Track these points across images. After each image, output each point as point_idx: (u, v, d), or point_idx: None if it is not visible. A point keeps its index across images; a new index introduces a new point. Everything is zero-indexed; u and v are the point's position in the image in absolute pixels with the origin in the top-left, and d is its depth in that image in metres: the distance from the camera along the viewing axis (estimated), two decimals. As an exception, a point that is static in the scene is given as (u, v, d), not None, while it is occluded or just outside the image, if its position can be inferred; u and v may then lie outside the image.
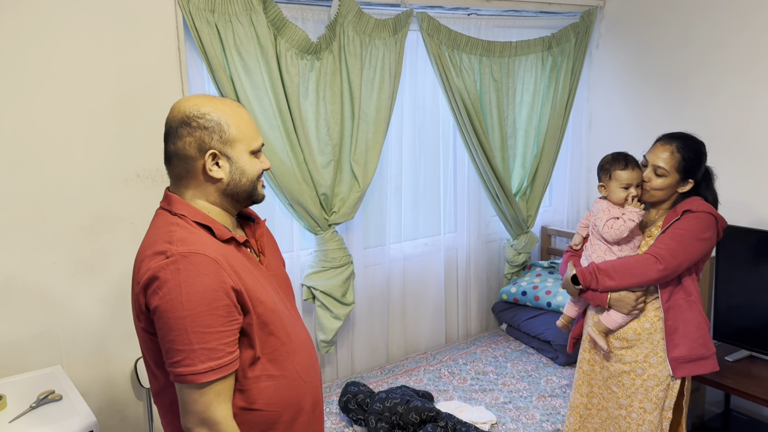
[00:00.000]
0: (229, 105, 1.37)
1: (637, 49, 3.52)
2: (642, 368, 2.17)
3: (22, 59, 2.16)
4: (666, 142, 2.13)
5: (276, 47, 2.60)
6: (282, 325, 1.38)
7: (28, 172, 2.22)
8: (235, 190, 1.38)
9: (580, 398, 2.34)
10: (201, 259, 1.25)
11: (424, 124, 3.37)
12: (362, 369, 3.30)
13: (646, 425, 2.18)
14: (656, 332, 2.15)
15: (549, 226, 3.93)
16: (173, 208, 1.35)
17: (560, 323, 2.40)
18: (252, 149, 1.38)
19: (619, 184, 2.13)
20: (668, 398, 2.17)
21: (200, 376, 1.23)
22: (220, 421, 1.26)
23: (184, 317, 1.21)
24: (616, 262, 2.13)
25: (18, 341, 2.26)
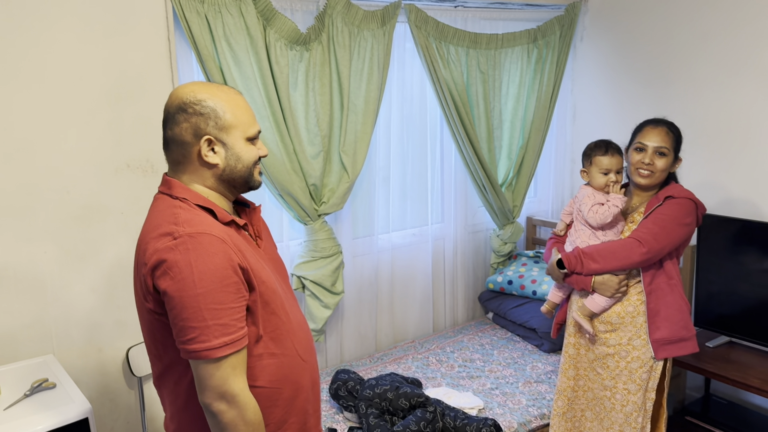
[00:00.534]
0: (227, 92, 1.39)
1: (621, 42, 3.58)
2: (626, 351, 2.23)
3: (12, 49, 2.15)
4: (656, 125, 2.21)
5: (265, 38, 2.62)
6: (282, 305, 1.42)
7: (18, 162, 2.22)
8: (231, 175, 1.40)
9: (567, 381, 2.40)
10: (209, 239, 1.28)
11: (411, 115, 3.40)
12: (351, 357, 3.34)
13: (630, 405, 2.25)
14: (639, 315, 2.21)
15: (534, 216, 3.99)
16: (174, 192, 1.37)
17: (544, 309, 2.47)
18: (248, 136, 1.40)
19: (599, 169, 2.22)
20: (651, 379, 2.23)
21: (215, 351, 1.26)
22: (237, 393, 1.29)
23: (197, 295, 1.25)
24: (599, 246, 2.19)
25: (9, 331, 2.26)
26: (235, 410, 1.29)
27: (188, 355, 1.28)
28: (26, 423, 1.79)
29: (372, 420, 2.44)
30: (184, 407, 1.40)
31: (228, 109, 1.36)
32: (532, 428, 2.62)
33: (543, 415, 2.68)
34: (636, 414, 2.24)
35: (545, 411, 2.70)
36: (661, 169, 2.17)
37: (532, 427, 2.62)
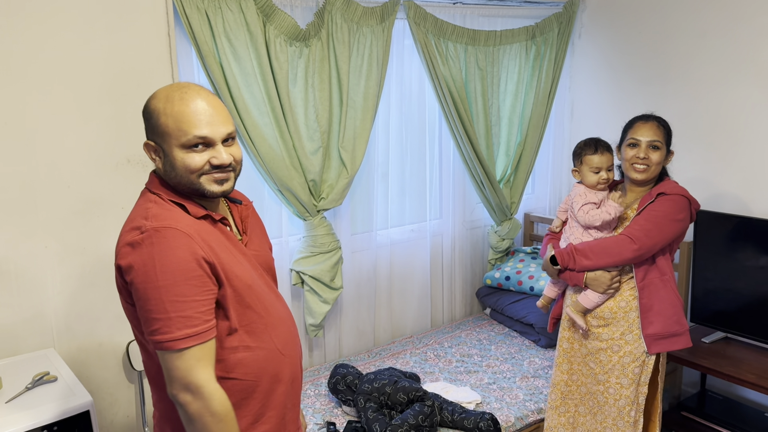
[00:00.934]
0: (176, 94, 1.35)
1: (619, 39, 3.60)
2: (618, 345, 2.26)
3: (12, 45, 2.16)
4: (647, 120, 2.23)
5: (265, 34, 2.63)
6: (259, 300, 1.43)
7: (19, 157, 2.23)
8: (174, 181, 1.39)
9: (561, 375, 2.42)
10: (173, 233, 1.30)
11: (410, 111, 3.41)
12: (350, 352, 3.36)
13: (622, 400, 2.27)
14: (631, 311, 2.23)
15: (532, 212, 4.01)
16: (152, 188, 1.41)
17: (540, 303, 2.49)
18: (182, 143, 1.34)
19: (589, 168, 2.25)
20: (644, 374, 2.25)
21: (177, 342, 1.27)
22: (202, 384, 1.29)
23: (159, 287, 1.26)
24: (592, 242, 2.22)
25: (10, 325, 2.28)
26: (200, 401, 1.29)
27: (154, 346, 1.30)
28: (28, 416, 1.81)
29: (370, 414, 2.46)
30: (165, 396, 1.40)
31: (164, 115, 1.33)
32: (529, 422, 2.64)
33: (540, 409, 2.70)
34: (629, 408, 2.26)
35: (542, 405, 2.72)
36: (656, 162, 2.19)
37: (529, 421, 2.65)
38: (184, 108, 1.33)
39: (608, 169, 2.24)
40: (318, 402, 2.76)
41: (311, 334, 3.10)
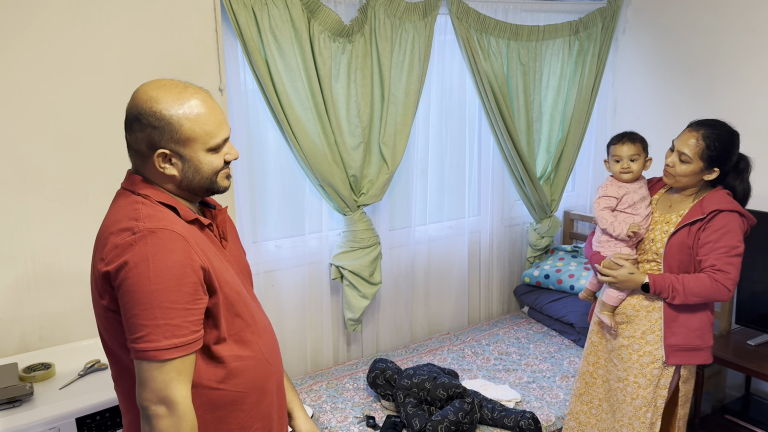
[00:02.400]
0: (189, 97, 1.28)
1: (664, 34, 3.52)
2: (639, 344, 2.21)
3: (66, 42, 2.22)
4: (694, 129, 2.10)
5: (309, 30, 2.65)
6: (247, 307, 1.38)
7: (70, 151, 2.29)
8: (189, 185, 1.33)
9: (587, 366, 2.41)
10: (169, 234, 1.23)
11: (450, 107, 3.40)
12: (387, 347, 3.37)
13: (639, 400, 2.22)
14: (654, 311, 2.18)
15: (572, 210, 3.96)
16: (136, 189, 1.31)
17: (582, 295, 2.48)
18: (210, 147, 1.30)
19: (612, 157, 2.25)
20: (663, 377, 2.19)
21: (163, 352, 1.19)
22: (179, 402, 1.22)
23: (150, 291, 1.19)
24: (691, 284, 2.07)
25: (62, 313, 2.34)
26: (172, 419, 1.21)
27: (135, 354, 1.21)
28: (80, 401, 1.86)
29: (410, 409, 2.47)
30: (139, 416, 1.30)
31: (186, 121, 1.26)
32: (569, 422, 2.62)
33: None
34: (645, 409, 2.21)
35: (583, 405, 2.69)
36: (680, 174, 2.10)
37: (570, 421, 2.62)
38: (205, 110, 1.28)
39: (631, 159, 2.19)
40: (357, 396, 2.78)
41: (350, 328, 3.12)
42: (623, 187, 2.23)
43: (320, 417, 2.60)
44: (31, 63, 2.17)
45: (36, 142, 2.22)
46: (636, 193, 2.22)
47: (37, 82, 2.19)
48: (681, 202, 2.19)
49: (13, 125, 2.17)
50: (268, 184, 2.91)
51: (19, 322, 2.26)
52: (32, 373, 1.98)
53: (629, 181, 2.23)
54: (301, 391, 2.81)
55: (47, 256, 2.29)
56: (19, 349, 2.26)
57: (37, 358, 2.16)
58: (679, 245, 2.11)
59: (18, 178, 2.20)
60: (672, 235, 2.12)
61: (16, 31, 2.12)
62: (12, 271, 2.23)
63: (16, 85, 2.15)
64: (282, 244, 2.99)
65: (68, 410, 1.81)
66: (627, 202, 2.21)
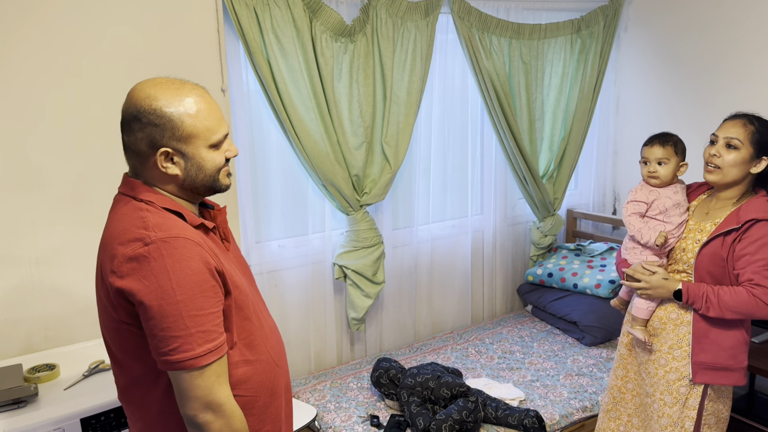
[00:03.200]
0: (188, 94, 1.27)
1: (666, 32, 3.51)
2: (665, 359, 2.10)
3: (68, 43, 2.23)
4: (736, 118, 1.99)
5: (311, 30, 2.65)
6: (254, 310, 1.38)
7: (75, 151, 2.30)
8: (192, 184, 1.32)
9: (616, 380, 2.31)
10: (183, 242, 1.21)
11: (453, 106, 3.40)
12: (390, 347, 3.37)
13: (665, 419, 2.10)
14: (682, 325, 2.06)
15: (575, 208, 3.96)
16: (138, 195, 1.28)
17: (614, 303, 2.35)
18: (211, 143, 1.30)
19: (641, 159, 2.16)
20: (691, 397, 2.06)
21: (200, 359, 1.20)
22: (224, 402, 1.24)
23: (177, 302, 1.18)
24: (728, 297, 1.93)
25: (66, 314, 2.35)
26: (222, 419, 1.23)
27: (170, 366, 1.21)
28: (85, 402, 1.86)
29: (414, 408, 2.47)
30: (158, 418, 1.32)
31: (187, 117, 1.25)
32: (574, 420, 2.62)
33: (585, 407, 2.67)
34: (671, 429, 2.08)
35: (587, 404, 2.69)
36: (729, 164, 1.94)
37: (574, 419, 2.62)
38: (204, 106, 1.28)
39: (660, 162, 2.08)
40: (361, 395, 2.78)
41: (353, 327, 3.12)
42: (654, 191, 2.11)
43: (324, 416, 2.61)
44: (33, 63, 2.17)
45: (40, 144, 2.22)
46: (669, 199, 2.09)
47: (39, 83, 2.19)
48: (719, 210, 2.03)
49: (15, 126, 2.18)
50: (271, 184, 2.91)
51: (24, 323, 2.27)
52: (37, 374, 1.99)
53: (658, 186, 2.11)
54: (305, 390, 2.82)
55: (52, 257, 2.30)
56: (23, 350, 2.27)
57: (41, 358, 2.17)
58: (712, 256, 1.97)
59: (22, 180, 2.21)
60: (704, 245, 1.98)
61: (17, 32, 2.13)
62: (17, 272, 2.24)
63: (18, 86, 2.16)
64: (285, 244, 2.99)
65: (73, 411, 1.81)
66: (658, 208, 2.09)
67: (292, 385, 2.87)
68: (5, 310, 2.23)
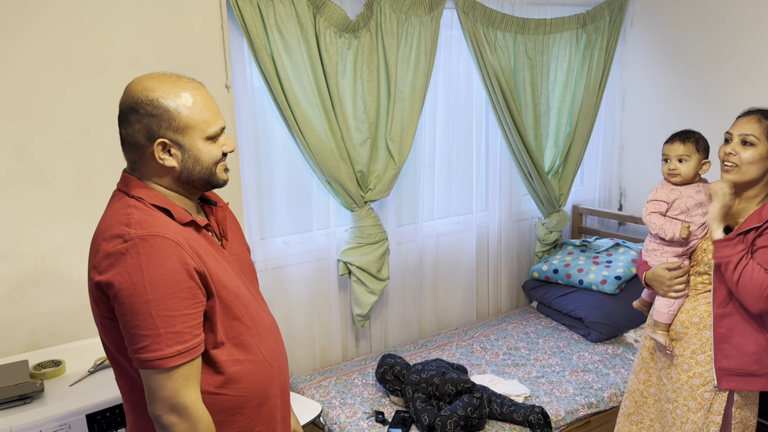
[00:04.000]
0: (184, 87, 1.28)
1: (672, 27, 3.49)
2: (688, 364, 2.05)
3: (70, 38, 2.23)
4: (749, 114, 1.95)
5: (315, 26, 2.64)
6: (246, 310, 1.36)
7: (77, 148, 2.30)
8: (189, 177, 1.32)
9: (637, 384, 2.27)
10: (161, 241, 1.21)
11: (457, 102, 3.39)
12: (395, 343, 3.37)
13: (689, 425, 2.05)
14: (705, 328, 2.01)
15: (580, 204, 3.94)
16: (130, 191, 1.30)
17: (636, 305, 2.32)
18: (208, 135, 1.30)
19: (662, 156, 2.10)
20: (716, 402, 2.01)
21: (167, 360, 1.19)
22: (190, 406, 1.23)
23: (147, 301, 1.18)
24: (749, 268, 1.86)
25: (71, 311, 2.36)
26: (186, 423, 1.23)
27: (140, 364, 1.21)
28: (91, 397, 1.87)
29: (419, 404, 2.47)
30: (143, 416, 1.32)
31: (184, 109, 1.26)
32: (579, 417, 2.61)
33: (591, 404, 2.66)
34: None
35: (593, 400, 2.68)
36: (747, 161, 1.89)
37: (580, 415, 2.61)
38: (199, 98, 1.29)
39: (680, 159, 2.02)
40: (366, 391, 2.78)
41: (358, 324, 3.12)
42: (675, 190, 2.05)
43: (329, 413, 2.61)
44: (36, 60, 2.17)
45: (43, 140, 2.23)
46: (691, 198, 2.03)
47: (43, 80, 2.19)
48: (743, 209, 1.97)
49: (19, 123, 2.18)
50: (275, 180, 2.91)
51: (29, 320, 2.27)
52: (43, 370, 1.99)
53: (678, 184, 2.06)
54: (310, 386, 2.82)
55: (56, 253, 2.30)
56: (29, 347, 2.28)
57: (47, 355, 2.18)
58: None
59: (25, 176, 2.21)
60: None
61: (21, 28, 2.13)
62: (22, 268, 2.24)
63: (22, 83, 2.16)
64: (290, 241, 2.99)
65: (79, 407, 1.82)
66: (679, 207, 2.04)
67: (297, 382, 2.87)
68: (10, 306, 2.23)
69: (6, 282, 2.22)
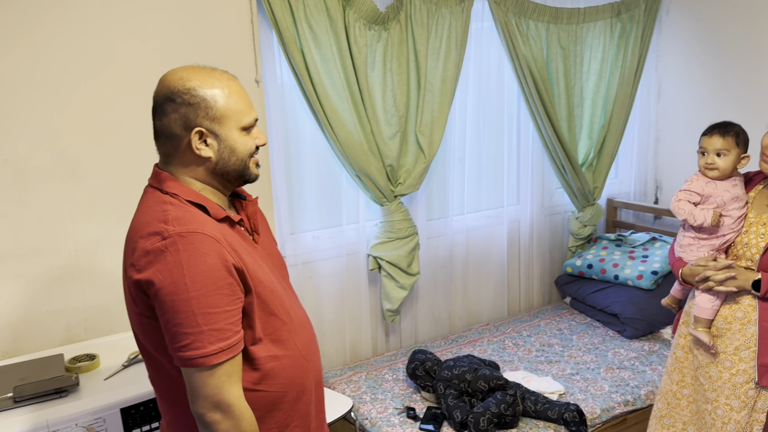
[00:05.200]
0: (219, 78, 1.29)
1: (709, 14, 3.38)
2: (731, 361, 1.99)
3: (104, 34, 2.24)
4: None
5: (345, 18, 2.62)
6: (282, 305, 1.36)
7: (112, 143, 2.31)
8: (224, 169, 1.31)
9: (670, 385, 2.22)
10: (201, 238, 1.20)
11: (488, 93, 3.34)
12: (425, 339, 3.34)
13: (731, 424, 1.99)
14: (750, 324, 1.96)
15: (615, 198, 3.86)
16: (164, 187, 1.29)
17: (665, 302, 2.28)
18: (243, 125, 1.30)
19: (699, 149, 2.05)
20: (761, 399, 1.97)
21: (210, 357, 1.19)
22: (233, 403, 1.23)
23: (189, 299, 1.17)
24: None
25: (106, 305, 2.38)
26: (230, 421, 1.22)
27: (182, 362, 1.20)
28: (125, 392, 1.88)
29: (451, 401, 2.44)
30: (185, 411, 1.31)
31: (220, 98, 1.27)
32: (615, 414, 2.55)
33: (627, 401, 2.60)
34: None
35: (629, 398, 2.61)
36: None
37: (616, 413, 2.55)
38: (234, 89, 1.29)
39: (718, 153, 1.99)
40: (396, 387, 2.76)
41: (388, 319, 3.10)
42: (711, 184, 2.01)
43: (360, 408, 2.59)
44: (71, 56, 2.19)
45: (78, 135, 2.25)
46: (727, 192, 1.99)
47: (77, 75, 2.21)
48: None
49: (56, 118, 2.20)
50: (305, 175, 2.90)
51: (64, 314, 2.30)
52: (78, 364, 2.01)
53: (716, 179, 2.01)
54: (341, 381, 2.81)
55: (91, 248, 2.33)
56: (64, 341, 2.31)
57: (82, 349, 2.20)
58: None
59: (61, 172, 2.23)
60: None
61: (56, 24, 2.15)
62: (57, 263, 2.27)
63: (58, 79, 2.18)
64: (319, 235, 2.98)
65: (113, 401, 1.83)
66: (715, 202, 2.00)
67: (328, 377, 2.86)
68: (46, 301, 2.26)
69: (41, 277, 2.25)
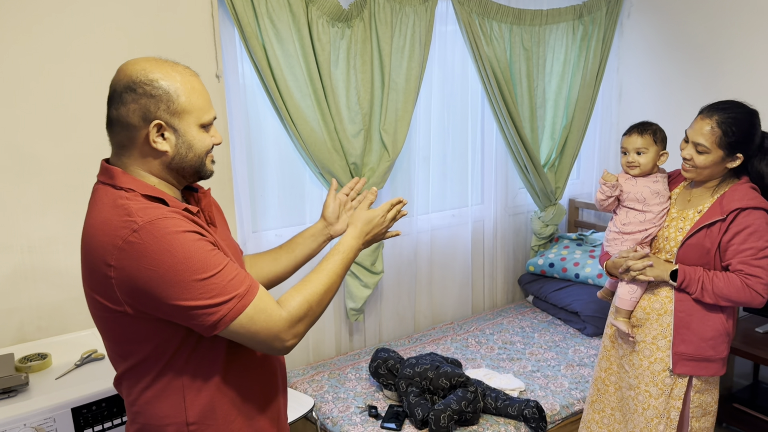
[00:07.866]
0: (181, 72, 1.26)
1: (669, 18, 3.46)
2: (650, 350, 2.08)
3: (59, 28, 2.18)
4: (706, 115, 1.93)
5: (307, 15, 2.60)
6: None
7: (68, 137, 2.26)
8: (180, 164, 1.28)
9: (600, 372, 2.29)
10: (171, 220, 1.18)
11: (452, 93, 3.35)
12: (390, 338, 3.34)
13: (650, 410, 2.08)
14: (666, 314, 2.04)
15: (577, 198, 3.92)
16: (117, 182, 1.24)
17: (601, 294, 2.36)
18: (202, 122, 1.28)
19: (621, 148, 2.15)
20: (677, 387, 2.04)
21: (246, 297, 1.20)
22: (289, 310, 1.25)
23: (191, 272, 1.16)
24: (723, 284, 1.91)
25: (59, 304, 2.32)
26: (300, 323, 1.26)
27: (219, 327, 1.19)
28: (76, 391, 1.83)
29: (412, 398, 2.44)
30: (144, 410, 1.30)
31: (182, 92, 1.24)
32: (574, 411, 2.58)
33: (586, 398, 2.63)
34: (657, 421, 2.07)
35: (588, 394, 2.65)
36: (700, 166, 1.94)
37: (575, 409, 2.59)
38: (196, 85, 1.27)
39: (639, 151, 2.06)
40: (359, 386, 2.75)
41: (352, 318, 3.09)
42: (630, 180, 2.10)
43: (322, 407, 2.58)
44: (25, 50, 2.13)
45: (32, 131, 2.19)
46: (647, 188, 2.07)
47: (32, 70, 2.15)
48: (700, 197, 2.02)
49: (8, 113, 2.14)
50: (268, 173, 2.87)
51: (16, 313, 2.23)
52: (28, 363, 1.95)
53: (638, 176, 2.10)
54: (303, 381, 2.79)
55: (44, 245, 2.26)
56: (16, 340, 2.24)
57: (34, 348, 2.14)
58: (696, 247, 1.96)
59: (14, 167, 2.17)
60: (688, 237, 1.97)
61: (9, 18, 2.09)
62: (9, 261, 2.20)
63: (10, 73, 2.12)
64: (282, 234, 2.95)
65: (64, 400, 1.78)
66: (635, 197, 2.08)
67: (290, 377, 2.84)
68: (-3, 299, 2.20)
69: (-8, 274, 2.18)
